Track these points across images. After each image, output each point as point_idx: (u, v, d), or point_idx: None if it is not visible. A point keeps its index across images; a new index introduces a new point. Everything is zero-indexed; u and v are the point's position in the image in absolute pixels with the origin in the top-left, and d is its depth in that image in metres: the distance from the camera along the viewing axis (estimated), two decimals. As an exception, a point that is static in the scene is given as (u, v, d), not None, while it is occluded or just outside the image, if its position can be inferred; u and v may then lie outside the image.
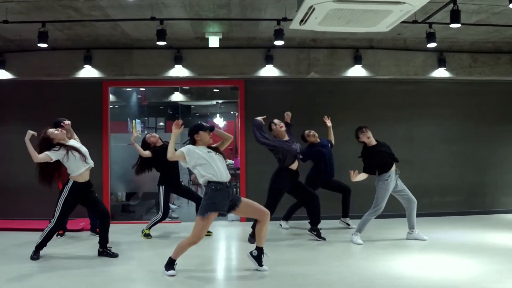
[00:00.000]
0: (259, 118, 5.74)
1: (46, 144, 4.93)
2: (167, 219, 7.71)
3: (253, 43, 7.32)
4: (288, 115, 6.18)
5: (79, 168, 4.99)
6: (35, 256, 4.98)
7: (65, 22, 6.20)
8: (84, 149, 5.13)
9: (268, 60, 7.20)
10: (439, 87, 7.91)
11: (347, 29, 4.46)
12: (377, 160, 5.61)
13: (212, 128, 4.56)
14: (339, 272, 4.52)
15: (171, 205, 8.34)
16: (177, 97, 10.74)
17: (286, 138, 5.94)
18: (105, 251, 5.13)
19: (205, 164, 4.33)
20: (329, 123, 6.76)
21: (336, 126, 6.91)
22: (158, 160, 6.13)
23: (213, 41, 6.78)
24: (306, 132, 6.74)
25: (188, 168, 4.57)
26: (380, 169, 5.69)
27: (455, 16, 5.04)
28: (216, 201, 4.29)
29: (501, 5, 5.63)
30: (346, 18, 4.12)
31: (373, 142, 5.76)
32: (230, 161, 7.97)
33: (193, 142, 4.51)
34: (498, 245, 5.57)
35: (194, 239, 4.33)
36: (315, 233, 5.98)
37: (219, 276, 4.71)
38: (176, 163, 6.11)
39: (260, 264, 4.56)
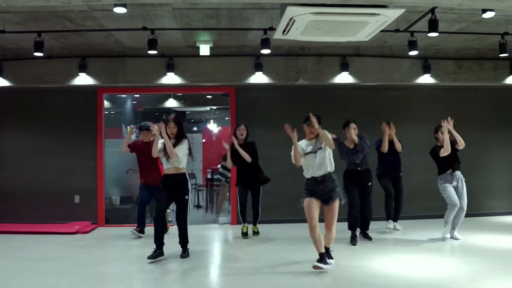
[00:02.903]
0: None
1: None
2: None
3: (242, 51, 7.53)
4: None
5: None
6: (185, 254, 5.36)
7: (60, 32, 6.41)
8: None
9: (258, 67, 7.40)
10: (425, 93, 8.10)
11: (329, 38, 4.68)
12: None
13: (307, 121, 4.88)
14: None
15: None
16: (171, 103, 10.90)
17: (353, 144, 6.13)
18: None
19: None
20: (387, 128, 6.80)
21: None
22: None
23: (204, 50, 7.00)
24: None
25: None
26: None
27: (433, 25, 5.25)
28: (307, 188, 4.83)
29: (480, 14, 5.82)
30: (326, 29, 4.34)
31: None
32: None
33: None
34: (480, 247, 5.76)
35: (308, 222, 4.72)
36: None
37: (214, 276, 4.88)
38: None
39: (331, 257, 4.83)
